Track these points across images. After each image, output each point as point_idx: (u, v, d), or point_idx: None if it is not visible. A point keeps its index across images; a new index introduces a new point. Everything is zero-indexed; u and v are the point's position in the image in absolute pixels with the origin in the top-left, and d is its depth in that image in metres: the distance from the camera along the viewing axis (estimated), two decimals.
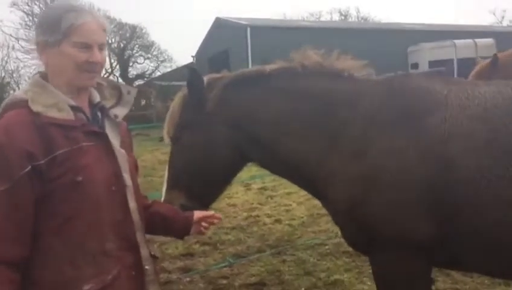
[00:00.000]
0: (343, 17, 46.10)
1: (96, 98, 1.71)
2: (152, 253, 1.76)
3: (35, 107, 1.50)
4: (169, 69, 35.80)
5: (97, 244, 1.54)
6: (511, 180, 1.90)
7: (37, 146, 1.44)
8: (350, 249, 4.89)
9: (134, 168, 1.79)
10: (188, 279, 4.47)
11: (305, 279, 4.31)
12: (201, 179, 2.44)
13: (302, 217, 6.25)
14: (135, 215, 1.67)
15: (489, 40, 20.66)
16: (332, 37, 24.49)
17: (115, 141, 1.66)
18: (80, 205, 1.50)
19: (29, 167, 1.42)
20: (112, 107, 1.73)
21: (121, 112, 1.74)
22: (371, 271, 4.30)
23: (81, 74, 1.58)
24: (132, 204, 1.66)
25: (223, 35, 26.08)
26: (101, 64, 1.62)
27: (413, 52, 22.61)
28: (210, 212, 2.16)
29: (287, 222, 6.12)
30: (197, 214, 2.08)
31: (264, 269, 4.62)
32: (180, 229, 2.02)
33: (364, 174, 2.10)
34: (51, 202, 1.48)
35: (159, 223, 1.93)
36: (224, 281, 4.38)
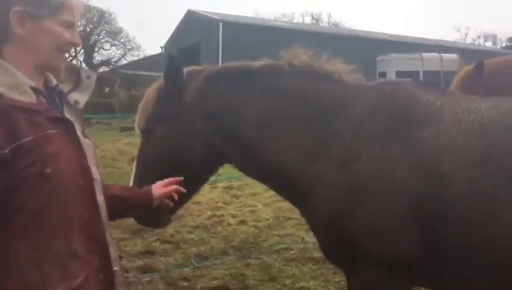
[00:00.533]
0: (314, 21, 46.55)
1: (53, 81, 1.53)
2: (118, 253, 1.61)
3: None
4: (136, 58, 35.04)
5: (64, 245, 1.36)
6: (505, 199, 1.81)
7: (0, 133, 1.26)
8: (316, 255, 4.90)
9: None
10: (147, 279, 4.24)
11: (269, 285, 4.17)
12: (172, 176, 2.24)
13: (268, 219, 6.12)
14: (103, 212, 1.50)
15: (454, 56, 21.29)
16: (304, 40, 24.62)
17: (78, 129, 1.49)
18: (47, 199, 1.33)
19: None
20: (70, 92, 1.55)
21: (81, 98, 1.56)
22: (336, 280, 4.29)
23: (59, 54, 1.45)
24: (100, 199, 1.49)
25: (195, 29, 25.71)
26: (77, 46, 1.52)
27: (382, 62, 22.99)
28: (170, 188, 1.98)
29: (252, 224, 5.97)
30: (157, 188, 1.94)
31: (227, 272, 4.45)
32: (141, 205, 1.91)
33: (352, 183, 1.97)
34: (15, 196, 1.29)
35: (118, 206, 1.77)
36: (186, 284, 4.18)
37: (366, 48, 23.47)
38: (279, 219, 6.11)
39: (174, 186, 2.00)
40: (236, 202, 7.16)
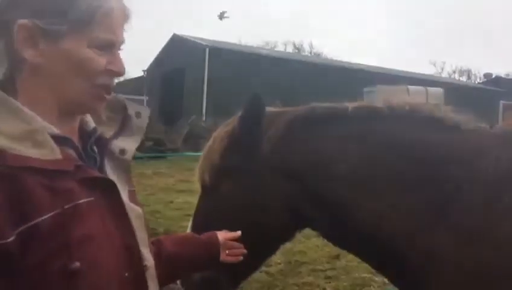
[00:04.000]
0: (296, 50, 46.99)
1: (90, 122, 1.07)
2: None
3: None
4: (116, 80, 34.36)
5: None
6: None
7: (1, 211, 0.83)
8: None
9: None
10: None
11: None
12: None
13: (280, 264, 5.59)
14: None
15: (439, 89, 21.47)
16: (289, 68, 24.84)
17: (122, 192, 1.02)
18: None
19: None
20: (113, 137, 1.09)
21: (129, 145, 1.10)
22: None
23: (93, 89, 0.99)
24: None
25: (180, 53, 25.37)
26: (121, 76, 1.06)
27: (369, 93, 23.03)
28: (235, 233, 1.60)
29: (263, 269, 5.44)
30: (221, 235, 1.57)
31: None
32: (205, 260, 1.52)
33: (483, 266, 1.53)
34: None
35: (175, 267, 1.39)
36: None
37: (350, 78, 23.52)
38: (292, 264, 5.60)
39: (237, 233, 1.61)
40: None
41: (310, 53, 47.45)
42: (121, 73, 1.04)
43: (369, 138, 1.78)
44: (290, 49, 47.36)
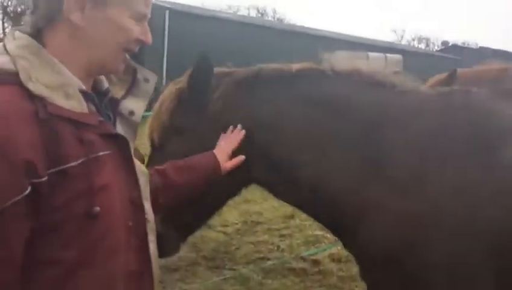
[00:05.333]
0: (260, 15, 46.42)
1: (104, 83, 1.14)
2: None
3: (37, 88, 0.94)
4: None
5: None
6: None
7: (39, 152, 0.89)
8: (296, 266, 4.62)
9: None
10: None
11: None
12: (186, 201, 1.84)
13: (237, 224, 5.76)
14: (155, 264, 1.14)
15: (398, 56, 21.87)
16: (251, 33, 24.56)
17: (132, 150, 1.11)
18: (91, 250, 0.96)
19: (29, 188, 0.87)
20: (123, 98, 1.17)
21: (137, 107, 1.17)
22: None
23: (120, 54, 1.10)
24: (153, 248, 1.13)
25: None
26: (146, 45, 1.15)
27: (330, 58, 23.19)
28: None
29: (219, 229, 5.59)
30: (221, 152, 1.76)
31: (203, 287, 4.07)
32: (204, 184, 1.71)
33: (418, 212, 1.67)
34: (47, 244, 0.91)
35: (178, 193, 1.60)
36: None
37: (313, 44, 23.52)
38: (248, 224, 5.78)
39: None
40: None
41: (273, 18, 47.01)
42: (149, 43, 1.13)
43: (311, 98, 1.86)
44: (253, 13, 46.75)
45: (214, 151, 1.75)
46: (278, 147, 1.82)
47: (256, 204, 6.30)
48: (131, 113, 1.16)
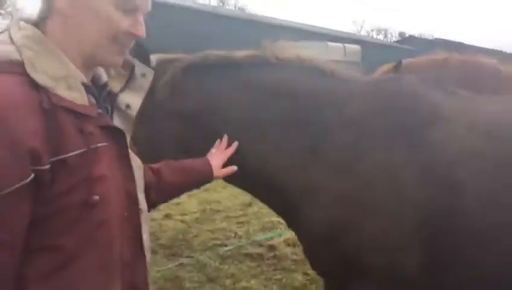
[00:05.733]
0: (221, 3, 46.12)
1: (103, 76, 1.16)
2: None
3: (42, 78, 0.96)
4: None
5: None
6: None
7: (42, 141, 0.92)
8: (252, 251, 4.72)
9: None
10: None
11: (208, 287, 3.91)
12: None
13: (195, 213, 5.81)
14: (148, 255, 1.18)
15: (357, 47, 22.27)
16: (209, 22, 24.35)
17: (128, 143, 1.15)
18: (88, 238, 0.99)
19: (32, 175, 0.90)
20: (121, 92, 1.20)
21: (134, 100, 1.21)
22: (278, 277, 4.16)
23: (113, 46, 1.07)
24: (146, 238, 1.17)
25: None
26: (140, 38, 1.13)
27: None
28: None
29: (178, 217, 5.62)
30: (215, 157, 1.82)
31: (159, 274, 4.10)
32: (196, 186, 1.76)
33: (351, 192, 1.79)
34: (48, 232, 0.95)
35: (170, 193, 1.63)
36: None
37: (273, 34, 23.48)
38: (207, 212, 5.84)
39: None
40: None
41: (235, 7, 46.85)
42: (140, 36, 1.10)
43: (255, 83, 1.94)
44: (214, 2, 46.38)
45: (208, 157, 1.81)
46: (225, 130, 1.89)
47: (215, 193, 6.37)
48: (128, 107, 1.19)
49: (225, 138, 1.88)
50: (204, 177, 1.76)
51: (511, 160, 1.76)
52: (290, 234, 4.72)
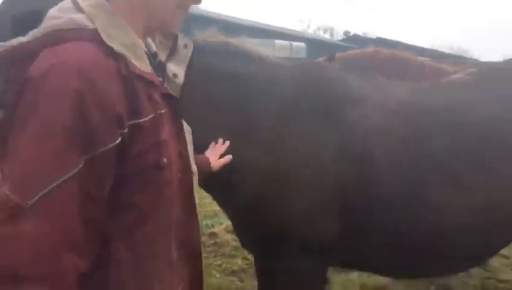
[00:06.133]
0: None
1: (153, 46, 1.19)
2: None
3: (117, 46, 0.99)
4: None
5: (165, 255, 1.09)
6: (429, 180, 1.95)
7: (123, 106, 0.97)
8: None
9: None
10: None
11: None
12: None
13: None
14: (198, 214, 1.24)
15: (302, 44, 22.81)
16: None
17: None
18: (158, 197, 1.05)
19: (120, 137, 0.95)
20: (167, 61, 1.28)
21: (179, 70, 1.28)
22: (218, 263, 4.26)
23: (179, 13, 1.10)
24: (197, 197, 1.23)
25: None
26: (198, 3, 1.17)
27: None
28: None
29: None
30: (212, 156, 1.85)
31: None
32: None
33: (278, 168, 1.93)
34: (126, 191, 0.99)
35: None
36: None
37: (222, 30, 23.56)
38: None
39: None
40: None
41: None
42: (200, 2, 1.15)
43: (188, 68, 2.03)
44: None
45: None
46: None
47: None
48: (175, 75, 1.26)
49: (220, 140, 1.94)
50: (204, 168, 1.80)
51: (414, 135, 1.99)
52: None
